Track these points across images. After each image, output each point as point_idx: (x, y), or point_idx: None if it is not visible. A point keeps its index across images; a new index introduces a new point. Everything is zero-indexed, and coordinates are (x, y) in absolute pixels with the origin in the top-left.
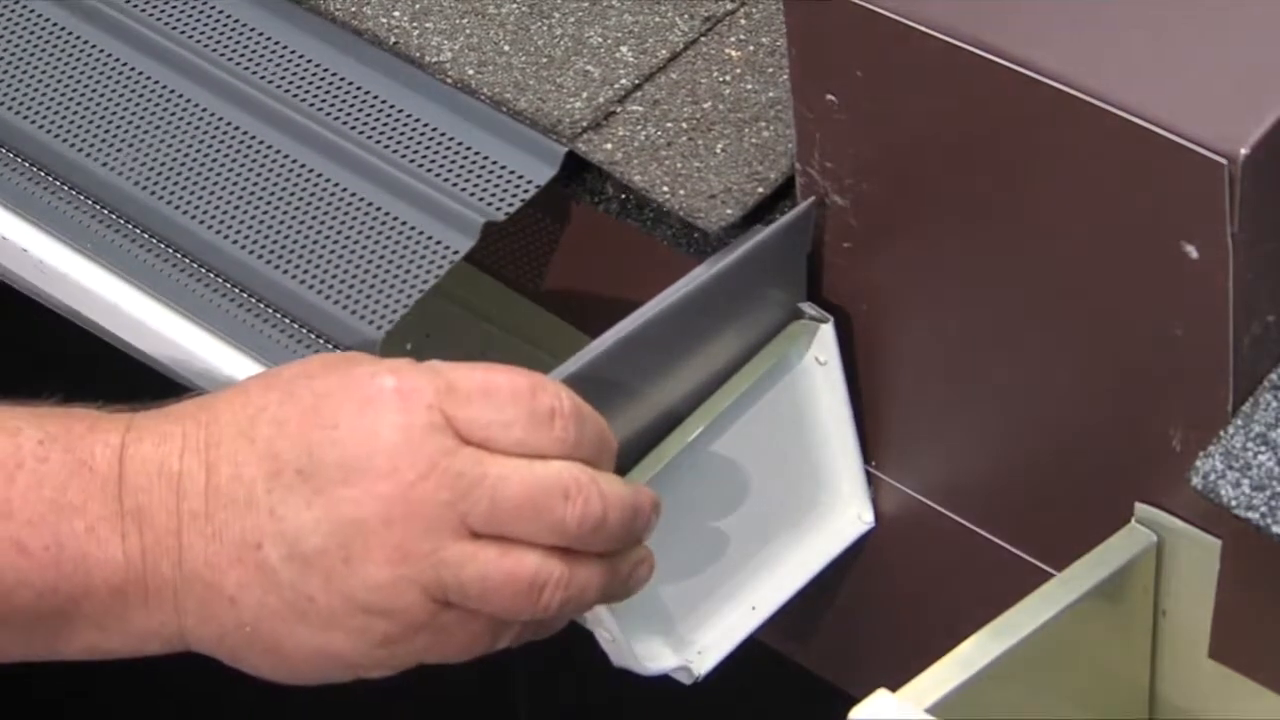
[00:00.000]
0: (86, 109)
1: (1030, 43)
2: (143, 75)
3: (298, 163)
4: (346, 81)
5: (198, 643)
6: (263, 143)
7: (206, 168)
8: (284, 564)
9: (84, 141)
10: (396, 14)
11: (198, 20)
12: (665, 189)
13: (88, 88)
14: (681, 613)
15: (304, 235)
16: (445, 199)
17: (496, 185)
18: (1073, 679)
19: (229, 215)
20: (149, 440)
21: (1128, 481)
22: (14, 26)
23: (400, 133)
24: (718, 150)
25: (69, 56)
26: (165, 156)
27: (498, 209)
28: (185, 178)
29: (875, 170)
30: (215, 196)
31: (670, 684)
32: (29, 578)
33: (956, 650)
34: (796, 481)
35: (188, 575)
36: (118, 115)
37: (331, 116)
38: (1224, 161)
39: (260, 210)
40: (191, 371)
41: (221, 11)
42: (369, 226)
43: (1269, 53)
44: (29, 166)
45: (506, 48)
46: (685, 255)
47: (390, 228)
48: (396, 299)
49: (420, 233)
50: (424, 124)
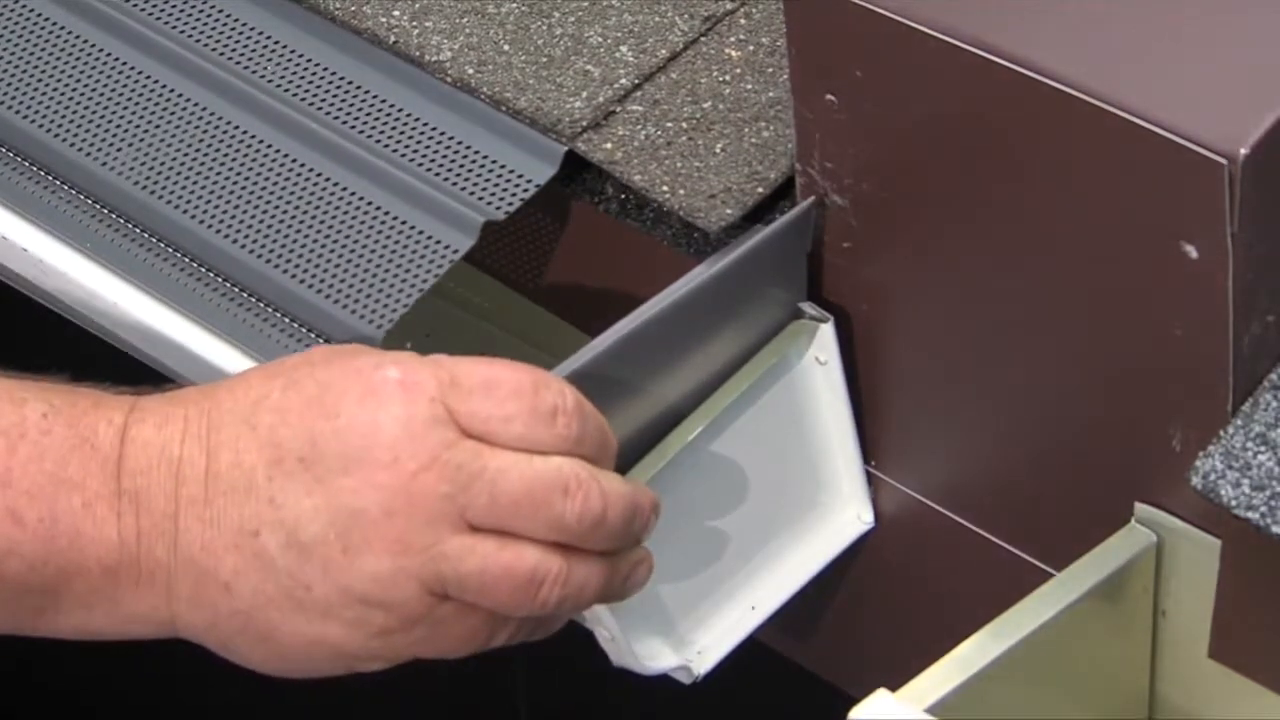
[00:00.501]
0: (87, 108)
1: (1030, 43)
2: (142, 74)
3: (298, 162)
4: (347, 81)
5: (187, 628)
6: (263, 142)
7: (206, 167)
8: (282, 552)
9: (84, 141)
10: (396, 13)
11: (198, 20)
12: (665, 188)
13: (88, 87)
14: (681, 612)
15: (304, 234)
16: (445, 198)
17: (496, 184)
18: (1073, 679)
19: (229, 214)
20: (151, 422)
21: (1128, 481)
22: (13, 25)
23: (400, 132)
24: (717, 150)
25: (69, 55)
26: (165, 155)
27: (497, 208)
28: (185, 177)
29: (875, 170)
30: (215, 196)
31: (670, 684)
32: (21, 548)
33: (956, 650)
34: (796, 481)
35: (183, 559)
36: (118, 114)
37: (332, 116)
38: (1224, 161)
39: (260, 209)
40: (191, 371)
41: (222, 11)
42: (369, 225)
43: (1269, 53)
44: (29, 165)
45: (506, 47)
46: (685, 255)
47: (390, 227)
48: (396, 298)
49: (420, 232)
50: (424, 123)
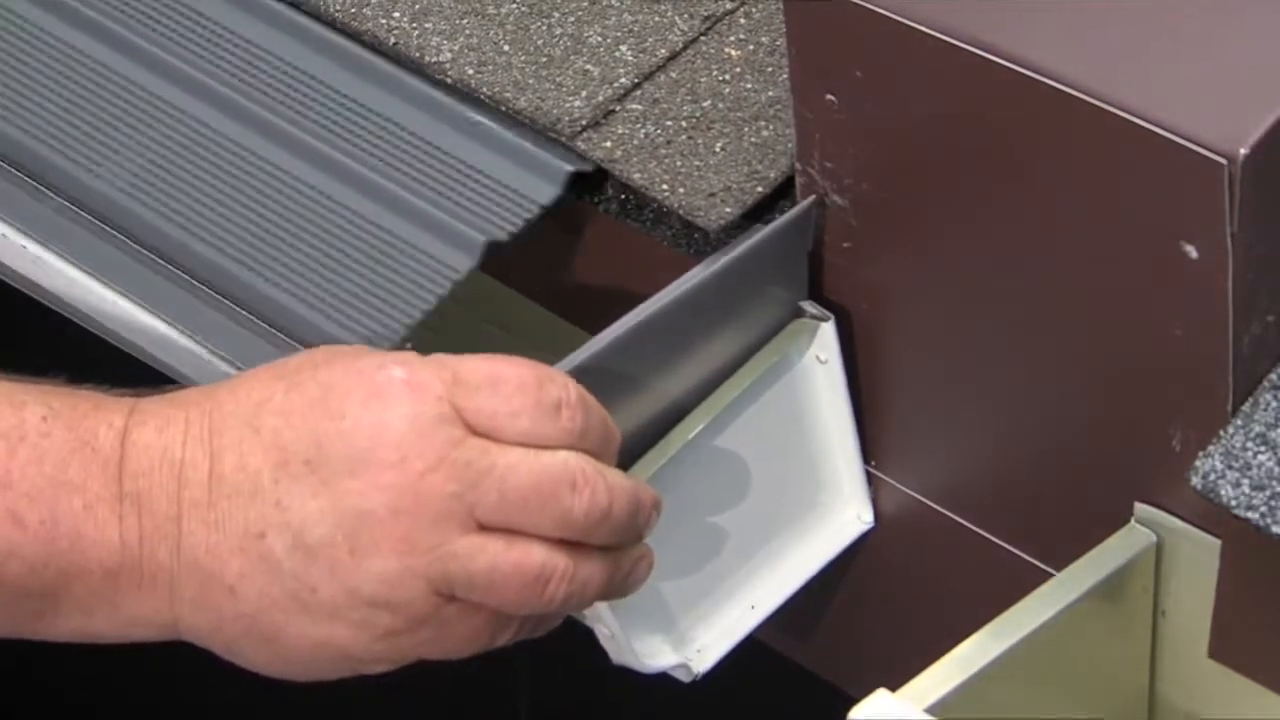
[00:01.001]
0: (85, 124)
1: (1030, 43)
2: (142, 90)
3: (300, 180)
4: (349, 99)
5: (190, 631)
6: (264, 159)
7: (206, 184)
8: (288, 554)
9: (83, 156)
10: (396, 14)
11: (198, 35)
12: (665, 187)
13: (90, 102)
14: (681, 610)
15: (305, 253)
16: (447, 218)
17: (499, 205)
18: (1073, 679)
19: (229, 232)
20: (152, 425)
21: (1128, 481)
22: (5, 34)
23: (403, 151)
24: (717, 149)
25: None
26: (163, 172)
27: (500, 228)
28: (184, 194)
29: (875, 170)
30: (215, 213)
31: (669, 682)
32: (22, 550)
33: (956, 650)
34: (796, 480)
35: (186, 563)
36: (114, 130)
37: (335, 134)
38: (1224, 161)
39: (261, 228)
40: (192, 371)
41: (222, 25)
42: (370, 245)
43: (1269, 53)
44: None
45: (506, 47)
46: (685, 255)
47: (392, 246)
48: (397, 318)
49: (422, 252)
50: (426, 142)
